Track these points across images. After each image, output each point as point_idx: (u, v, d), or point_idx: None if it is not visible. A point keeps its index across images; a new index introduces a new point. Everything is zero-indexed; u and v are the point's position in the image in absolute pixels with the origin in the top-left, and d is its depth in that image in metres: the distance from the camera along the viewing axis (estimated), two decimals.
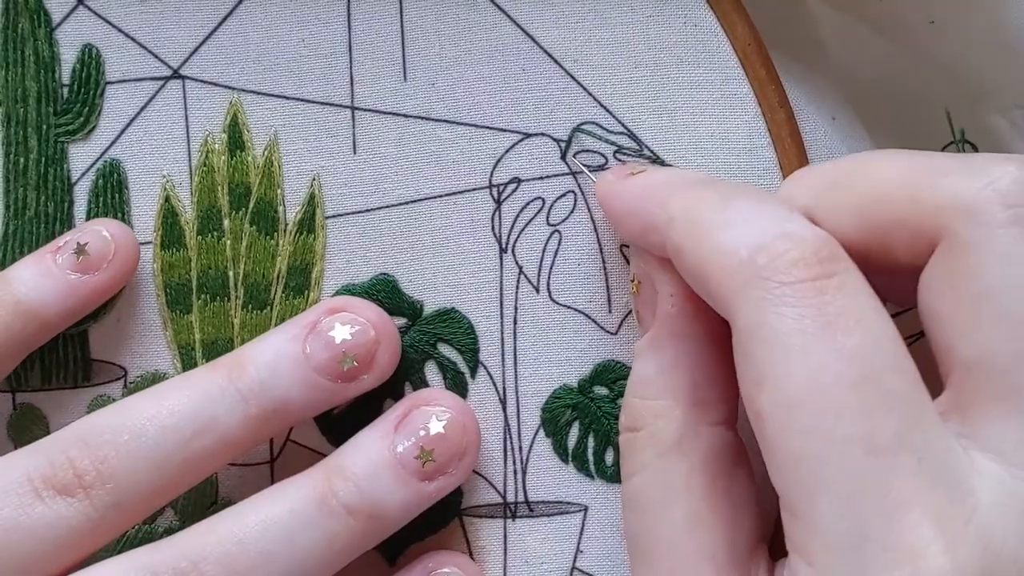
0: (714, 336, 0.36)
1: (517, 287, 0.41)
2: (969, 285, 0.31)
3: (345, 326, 0.38)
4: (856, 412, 0.30)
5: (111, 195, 0.41)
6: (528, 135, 0.40)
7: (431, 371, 0.41)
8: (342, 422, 0.41)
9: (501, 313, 0.41)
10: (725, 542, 0.34)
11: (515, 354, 0.41)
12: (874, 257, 0.33)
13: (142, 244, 0.41)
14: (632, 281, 0.39)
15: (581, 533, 0.41)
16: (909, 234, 0.32)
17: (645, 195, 0.37)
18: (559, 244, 0.40)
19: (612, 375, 0.41)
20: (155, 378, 0.41)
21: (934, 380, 0.32)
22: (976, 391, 0.31)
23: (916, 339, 0.36)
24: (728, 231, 0.33)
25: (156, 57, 0.41)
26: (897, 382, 0.30)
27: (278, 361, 0.38)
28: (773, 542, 0.36)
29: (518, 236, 0.41)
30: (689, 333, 0.36)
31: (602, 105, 0.40)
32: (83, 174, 0.41)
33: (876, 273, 0.33)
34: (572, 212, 0.40)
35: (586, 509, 0.41)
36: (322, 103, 0.41)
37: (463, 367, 0.41)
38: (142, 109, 0.41)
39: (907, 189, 0.32)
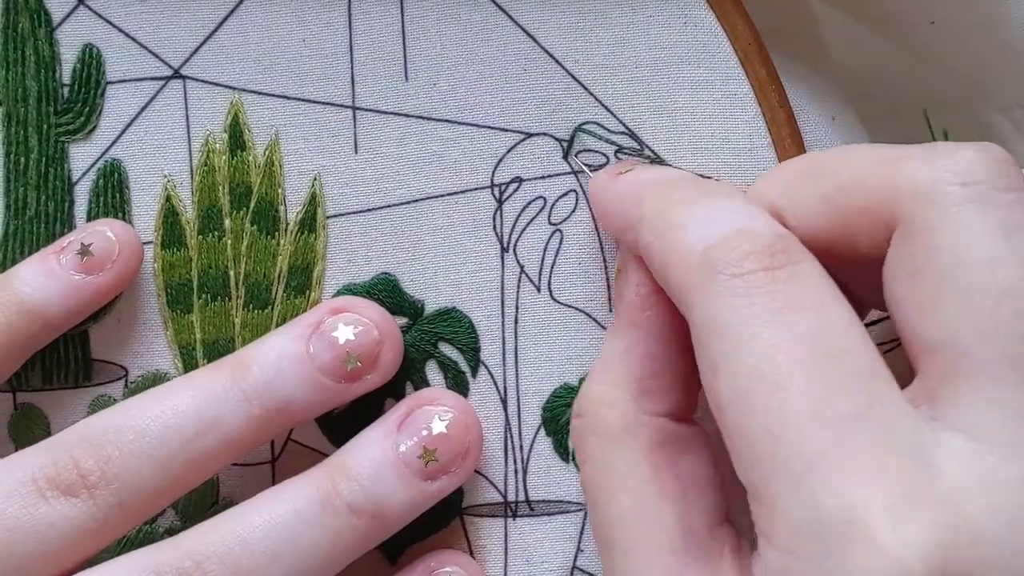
0: (673, 330, 0.36)
1: (518, 286, 0.41)
2: (927, 266, 0.31)
3: (348, 326, 0.38)
4: (808, 389, 0.30)
5: (112, 195, 0.41)
6: (529, 135, 0.40)
7: (432, 370, 0.41)
8: (343, 422, 0.41)
9: (502, 312, 0.41)
10: (679, 527, 0.34)
11: (516, 353, 0.41)
12: (843, 251, 0.33)
13: (143, 244, 0.41)
14: (616, 269, 0.39)
15: (582, 532, 0.41)
16: (870, 222, 0.32)
17: (626, 194, 0.37)
18: (560, 243, 0.40)
19: None
20: (156, 378, 0.41)
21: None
22: (942, 372, 0.30)
23: (895, 345, 0.36)
24: (688, 229, 0.33)
25: (157, 57, 0.41)
26: (852, 361, 0.30)
27: (281, 361, 0.38)
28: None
29: (519, 235, 0.41)
30: (644, 322, 0.36)
31: (603, 105, 0.40)
32: (84, 174, 0.41)
33: (848, 268, 0.33)
34: (574, 211, 0.40)
35: (586, 508, 0.41)
36: (323, 103, 0.41)
37: (464, 366, 0.41)
38: (143, 109, 0.41)
39: (868, 177, 0.33)
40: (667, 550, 0.33)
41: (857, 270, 0.34)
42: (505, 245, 0.41)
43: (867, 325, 0.32)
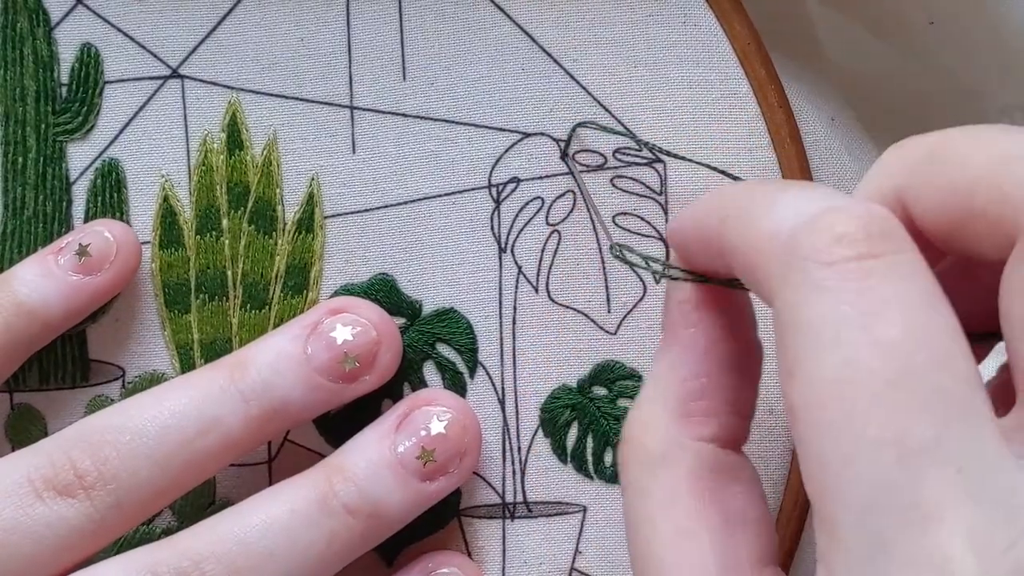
0: (721, 349, 0.33)
1: (516, 287, 0.41)
2: None
3: (347, 327, 0.38)
4: (889, 412, 0.27)
5: (110, 194, 0.41)
6: (527, 135, 0.40)
7: (430, 371, 0.41)
8: (340, 423, 0.41)
9: (500, 313, 0.41)
10: (720, 563, 0.31)
11: (514, 354, 0.41)
12: (963, 250, 0.31)
13: (141, 244, 0.41)
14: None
15: (580, 534, 0.41)
16: (989, 226, 0.29)
17: (705, 208, 0.34)
18: (558, 244, 0.40)
19: (611, 375, 0.41)
20: (153, 378, 0.41)
21: None
22: None
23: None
24: (774, 215, 0.30)
25: (155, 56, 0.41)
26: (943, 382, 0.27)
27: (279, 362, 0.38)
28: None
29: (517, 236, 0.41)
30: (688, 339, 0.34)
31: (601, 104, 0.40)
32: (81, 173, 0.41)
33: (965, 271, 0.31)
34: (571, 212, 0.40)
35: (585, 509, 0.41)
36: (321, 102, 0.41)
37: (462, 367, 0.41)
38: (141, 108, 0.41)
39: (994, 176, 0.29)
40: None
41: (975, 274, 0.32)
42: (503, 245, 0.41)
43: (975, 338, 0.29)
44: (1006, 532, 0.26)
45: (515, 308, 0.41)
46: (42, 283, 0.39)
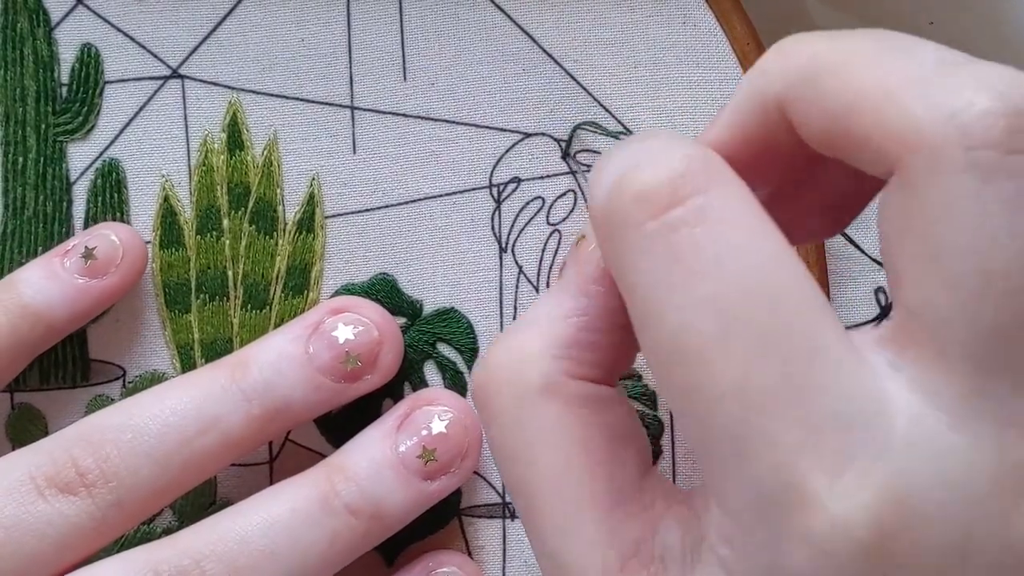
0: (618, 311, 0.32)
1: (517, 286, 0.41)
2: (915, 228, 0.27)
3: (348, 326, 0.38)
4: (726, 364, 0.27)
5: (110, 195, 0.41)
6: (528, 135, 0.40)
7: (430, 371, 0.41)
8: (341, 422, 0.41)
9: (501, 312, 0.41)
10: (609, 482, 0.31)
11: None
12: (841, 157, 0.29)
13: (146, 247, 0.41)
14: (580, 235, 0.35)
15: None
16: (872, 153, 0.28)
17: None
18: (559, 244, 0.40)
19: None
20: (154, 378, 0.41)
21: None
22: (913, 332, 0.28)
23: None
24: (601, 180, 0.30)
25: (155, 56, 0.41)
26: (775, 320, 0.27)
27: (281, 361, 0.38)
28: None
29: (518, 236, 0.41)
30: (595, 295, 0.32)
31: (601, 105, 0.40)
32: (82, 173, 0.41)
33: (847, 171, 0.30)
34: (572, 211, 0.40)
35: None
36: (322, 103, 0.41)
37: (462, 367, 0.41)
38: (141, 108, 0.41)
39: (877, 103, 0.28)
40: (598, 506, 0.31)
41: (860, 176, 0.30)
42: (503, 245, 0.41)
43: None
44: (867, 451, 0.26)
45: (516, 308, 0.41)
46: (47, 285, 0.39)
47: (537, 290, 0.41)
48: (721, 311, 0.27)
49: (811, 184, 0.33)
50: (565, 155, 0.40)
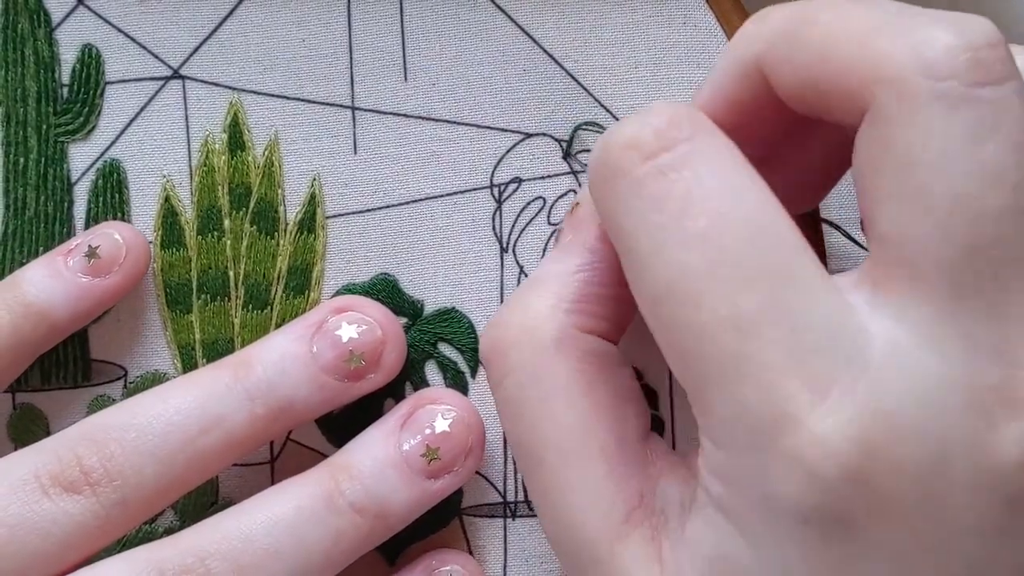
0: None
1: (517, 287, 0.41)
2: (887, 160, 0.29)
3: (352, 325, 0.38)
4: (715, 296, 0.29)
5: (111, 195, 0.41)
6: (529, 135, 0.40)
7: (431, 371, 0.41)
8: (343, 422, 0.41)
9: None
10: (614, 438, 0.33)
11: None
12: (819, 114, 0.32)
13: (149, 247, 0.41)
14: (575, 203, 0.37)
15: None
16: (844, 98, 0.30)
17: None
18: None
19: None
20: (155, 378, 0.41)
21: None
22: (888, 263, 0.29)
23: None
24: (601, 138, 0.32)
25: (156, 57, 0.41)
26: (761, 253, 0.29)
27: (284, 360, 0.38)
28: None
29: (519, 236, 0.41)
30: (600, 251, 0.35)
31: (602, 105, 0.40)
32: (83, 174, 0.41)
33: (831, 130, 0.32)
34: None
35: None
36: (322, 103, 0.41)
37: (463, 366, 0.41)
38: (142, 109, 0.41)
39: (847, 48, 0.30)
40: (608, 459, 0.33)
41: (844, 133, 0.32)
42: (504, 245, 0.41)
43: None
44: (847, 372, 0.28)
45: None
46: (50, 284, 0.39)
47: None
48: (709, 247, 0.29)
49: (791, 152, 0.35)
50: (566, 155, 0.40)
